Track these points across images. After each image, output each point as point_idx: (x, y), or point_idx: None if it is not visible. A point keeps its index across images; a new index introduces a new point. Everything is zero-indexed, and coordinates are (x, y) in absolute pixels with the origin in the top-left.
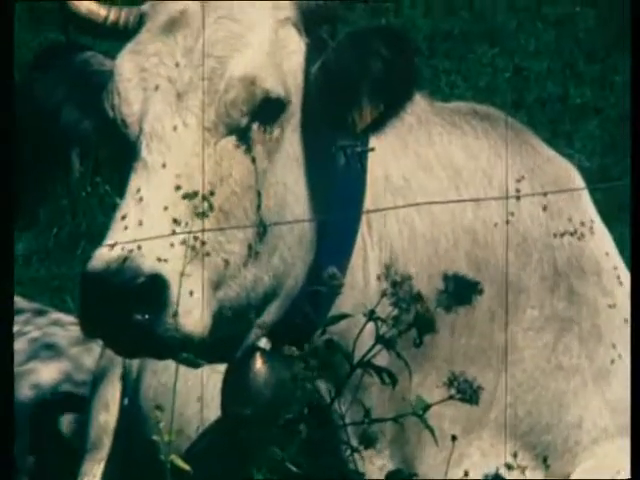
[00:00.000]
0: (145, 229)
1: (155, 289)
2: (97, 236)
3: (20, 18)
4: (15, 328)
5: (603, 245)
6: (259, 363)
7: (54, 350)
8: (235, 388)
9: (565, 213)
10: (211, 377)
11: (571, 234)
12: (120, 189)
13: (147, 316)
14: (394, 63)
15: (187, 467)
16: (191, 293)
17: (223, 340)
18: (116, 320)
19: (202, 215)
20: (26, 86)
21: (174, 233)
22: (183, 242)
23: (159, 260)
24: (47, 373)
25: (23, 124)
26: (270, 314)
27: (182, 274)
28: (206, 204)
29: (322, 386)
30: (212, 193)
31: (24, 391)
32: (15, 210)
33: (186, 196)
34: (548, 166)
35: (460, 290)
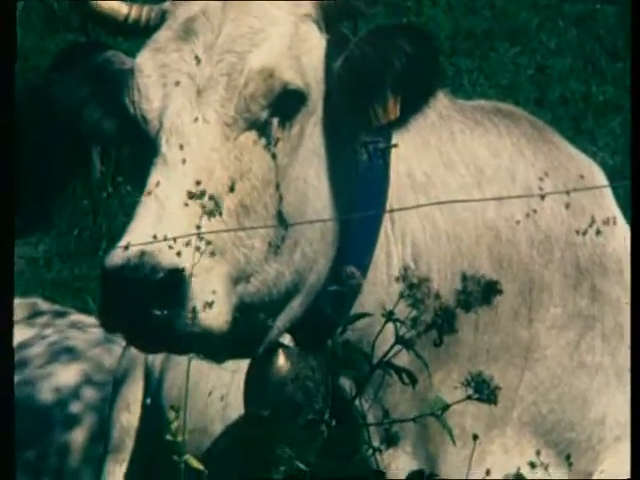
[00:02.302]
0: (165, 225)
1: (174, 284)
2: (118, 237)
3: (35, 22)
4: (35, 331)
5: (625, 243)
6: (281, 360)
7: (73, 353)
8: (257, 385)
9: (588, 211)
10: (235, 376)
11: (594, 232)
12: (141, 188)
13: (166, 311)
14: (417, 59)
15: (201, 467)
16: (210, 288)
17: (244, 336)
18: (136, 315)
19: (210, 215)
20: (47, 86)
21: (198, 229)
22: (201, 238)
23: (178, 255)
24: (67, 376)
25: (44, 125)
26: (292, 310)
27: (201, 269)
28: (213, 204)
29: (344, 385)
30: (232, 189)
31: (44, 394)
32: (15, 213)
33: (192, 196)
34: (571, 164)
35: (479, 290)
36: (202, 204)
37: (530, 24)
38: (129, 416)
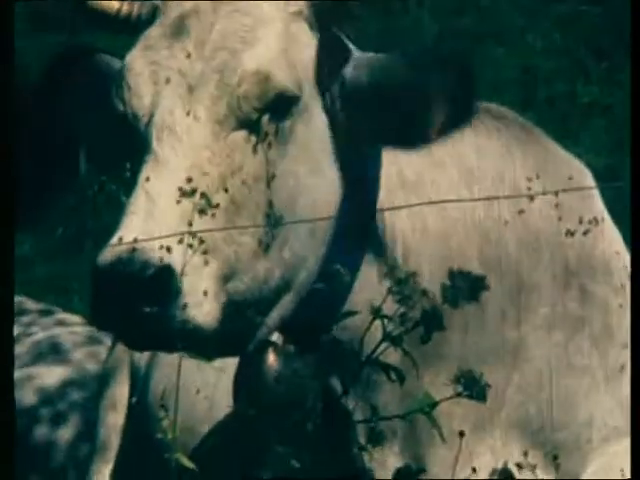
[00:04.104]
0: (156, 222)
1: (164, 281)
2: (103, 235)
3: (21, 21)
4: (19, 329)
5: (613, 244)
6: (271, 358)
7: (58, 352)
8: (247, 383)
9: (576, 212)
10: (221, 376)
11: (582, 233)
12: (127, 187)
13: (157, 308)
14: (452, 96)
15: (192, 465)
16: (201, 285)
17: (234, 333)
18: (126, 312)
19: (201, 213)
20: (39, 91)
21: (190, 226)
22: (192, 235)
23: (168, 252)
24: (51, 376)
25: (32, 124)
26: (282, 308)
27: (191, 266)
28: (204, 202)
29: (334, 383)
30: (226, 190)
31: (28, 395)
32: (16, 212)
33: (184, 194)
34: (560, 166)
35: (466, 286)
36: (193, 202)
37: (516, 25)
38: (115, 415)
